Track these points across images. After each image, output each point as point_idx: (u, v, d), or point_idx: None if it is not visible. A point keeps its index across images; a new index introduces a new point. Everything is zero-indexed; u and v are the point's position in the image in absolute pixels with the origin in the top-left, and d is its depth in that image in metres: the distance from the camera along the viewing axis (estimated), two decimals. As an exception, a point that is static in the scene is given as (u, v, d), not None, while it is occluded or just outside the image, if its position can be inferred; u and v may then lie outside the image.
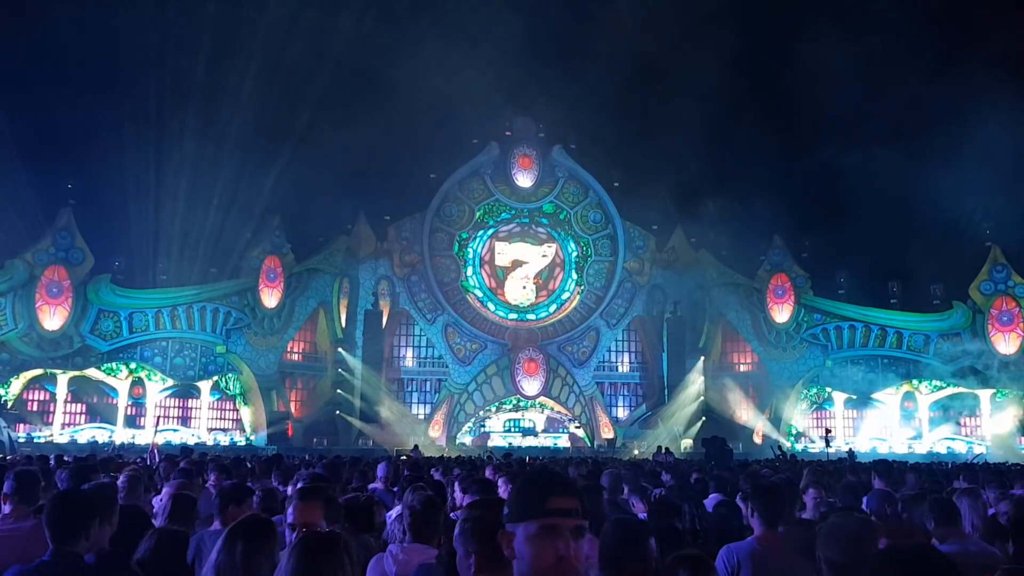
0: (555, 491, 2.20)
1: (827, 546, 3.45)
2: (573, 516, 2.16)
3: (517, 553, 2.18)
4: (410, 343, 44.07)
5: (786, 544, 4.56)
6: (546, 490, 2.21)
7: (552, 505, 2.17)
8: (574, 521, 2.16)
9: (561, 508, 2.16)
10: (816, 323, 41.31)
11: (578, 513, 2.18)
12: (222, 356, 37.02)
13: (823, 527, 3.60)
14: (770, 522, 4.52)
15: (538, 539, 2.14)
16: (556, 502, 2.17)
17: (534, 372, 42.78)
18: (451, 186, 44.37)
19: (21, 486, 4.86)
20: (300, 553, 2.64)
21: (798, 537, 4.66)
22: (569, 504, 2.17)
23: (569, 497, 2.19)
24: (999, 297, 38.69)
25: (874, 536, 3.60)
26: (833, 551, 3.43)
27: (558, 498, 2.18)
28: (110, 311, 34.46)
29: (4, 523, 4.76)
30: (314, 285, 40.55)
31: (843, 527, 3.54)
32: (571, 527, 2.15)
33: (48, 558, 3.69)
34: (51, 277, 32.83)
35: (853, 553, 3.44)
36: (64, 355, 33.09)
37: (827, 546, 3.45)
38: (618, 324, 44.82)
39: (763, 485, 4.82)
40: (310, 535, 2.73)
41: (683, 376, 42.15)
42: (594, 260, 45.10)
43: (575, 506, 2.18)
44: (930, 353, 39.41)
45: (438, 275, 43.35)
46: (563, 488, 2.23)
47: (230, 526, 2.84)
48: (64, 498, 3.94)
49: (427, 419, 42.15)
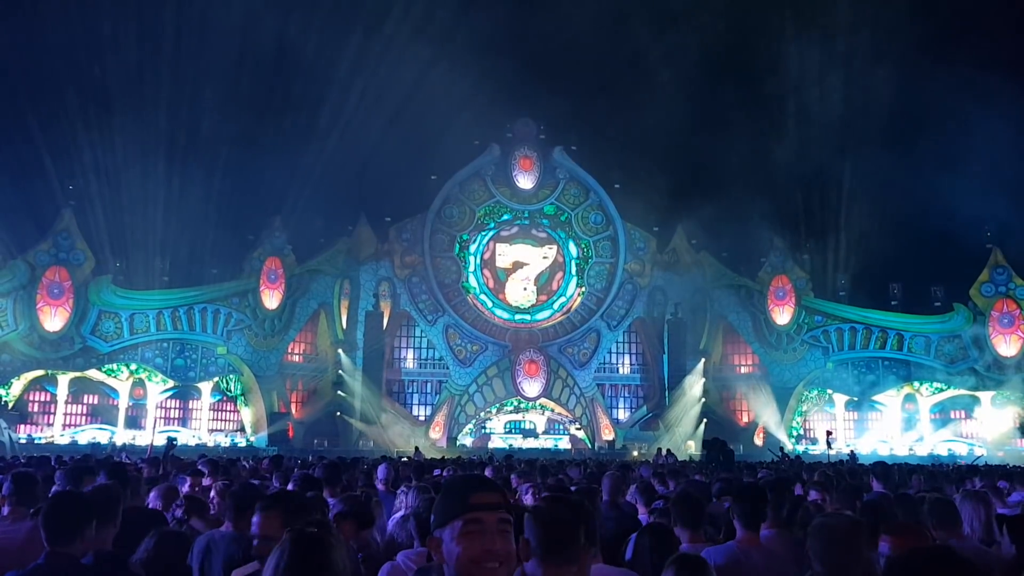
0: (477, 488, 2.24)
1: (818, 546, 3.46)
2: (497, 510, 2.19)
3: (445, 556, 2.19)
4: (411, 344, 44.04)
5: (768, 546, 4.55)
6: (468, 488, 2.24)
7: (475, 500, 2.19)
8: (497, 514, 2.18)
9: (484, 502, 2.19)
10: (817, 325, 41.28)
11: (501, 507, 2.20)
12: (223, 357, 37.02)
13: (813, 527, 3.60)
14: (750, 524, 4.50)
15: (464, 535, 2.15)
16: (479, 497, 2.20)
17: (535, 374, 42.74)
18: (452, 187, 44.39)
19: (19, 488, 4.86)
20: (289, 551, 2.62)
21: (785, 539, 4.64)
22: (491, 499, 2.20)
23: (491, 492, 2.22)
24: (1000, 299, 38.69)
25: (864, 536, 3.60)
26: (824, 551, 3.44)
27: (480, 494, 2.21)
28: (111, 312, 34.46)
29: (1, 525, 4.76)
30: (315, 286, 40.54)
31: (834, 527, 3.54)
32: (495, 520, 2.17)
33: (43, 560, 3.68)
34: (52, 278, 32.85)
35: (844, 553, 3.45)
36: (65, 356, 33.09)
37: (818, 546, 3.46)
38: (619, 326, 44.78)
39: (744, 487, 4.80)
40: (299, 533, 2.70)
41: (683, 378, 42.14)
42: (595, 261, 45.08)
43: (498, 500, 2.21)
44: (931, 355, 39.39)
45: (439, 276, 43.35)
46: (484, 485, 2.27)
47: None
48: (59, 500, 3.94)
49: (428, 421, 42.13)
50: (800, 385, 40.86)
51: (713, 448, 27.30)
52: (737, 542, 4.50)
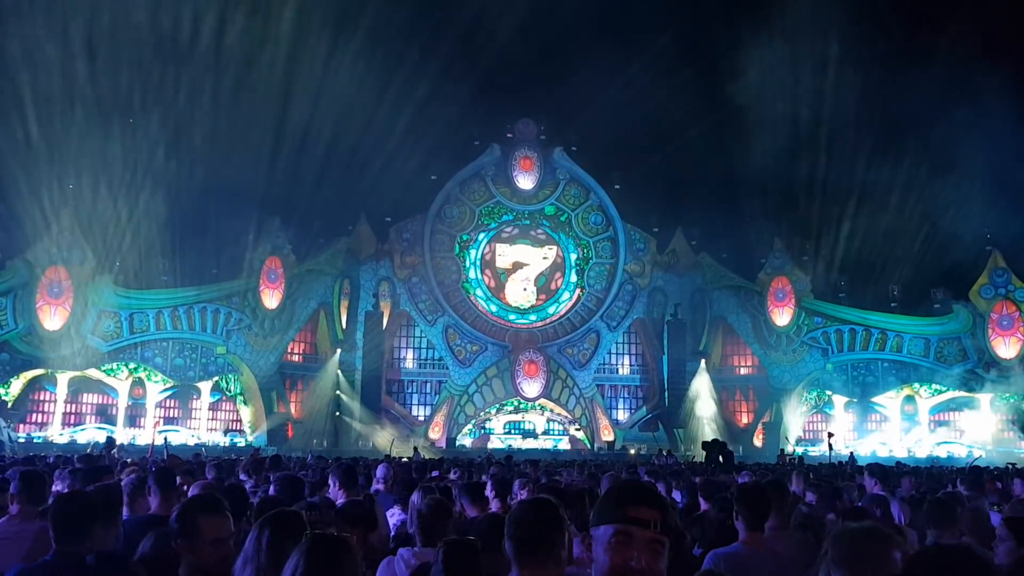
0: (636, 500, 2.20)
1: (838, 553, 3.45)
2: (650, 528, 2.15)
3: (594, 556, 2.20)
4: (410, 344, 44.06)
5: (771, 546, 4.55)
6: (628, 498, 2.22)
7: (632, 513, 2.17)
8: (650, 533, 2.15)
9: (639, 518, 2.16)
10: (816, 326, 41.29)
11: (657, 526, 2.16)
12: (222, 357, 37.00)
13: (835, 533, 3.60)
14: (753, 525, 4.50)
15: (613, 544, 2.15)
16: (636, 511, 2.17)
17: (534, 374, 42.77)
18: (452, 188, 44.40)
19: (27, 486, 4.88)
20: (310, 555, 2.63)
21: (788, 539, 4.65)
22: (648, 515, 2.17)
23: (650, 508, 2.18)
24: (999, 301, 38.71)
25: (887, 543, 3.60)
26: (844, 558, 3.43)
27: (638, 507, 2.18)
28: (111, 311, 34.44)
29: (10, 524, 4.77)
30: (315, 286, 40.53)
31: (855, 533, 3.54)
32: (647, 538, 2.14)
33: (51, 558, 3.72)
34: (52, 277, 32.80)
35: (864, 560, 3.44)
36: (64, 355, 33.05)
37: (838, 553, 3.45)
38: (618, 326, 44.80)
39: (747, 488, 4.80)
40: (320, 536, 2.72)
41: (684, 378, 42.20)
42: (595, 262, 45.11)
43: (655, 518, 2.17)
44: (930, 357, 39.41)
45: (439, 276, 43.36)
46: (645, 498, 2.22)
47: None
48: (69, 499, 3.96)
49: (427, 421, 42.16)
50: (800, 386, 40.88)
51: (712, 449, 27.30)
52: (742, 543, 4.50)
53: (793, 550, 4.66)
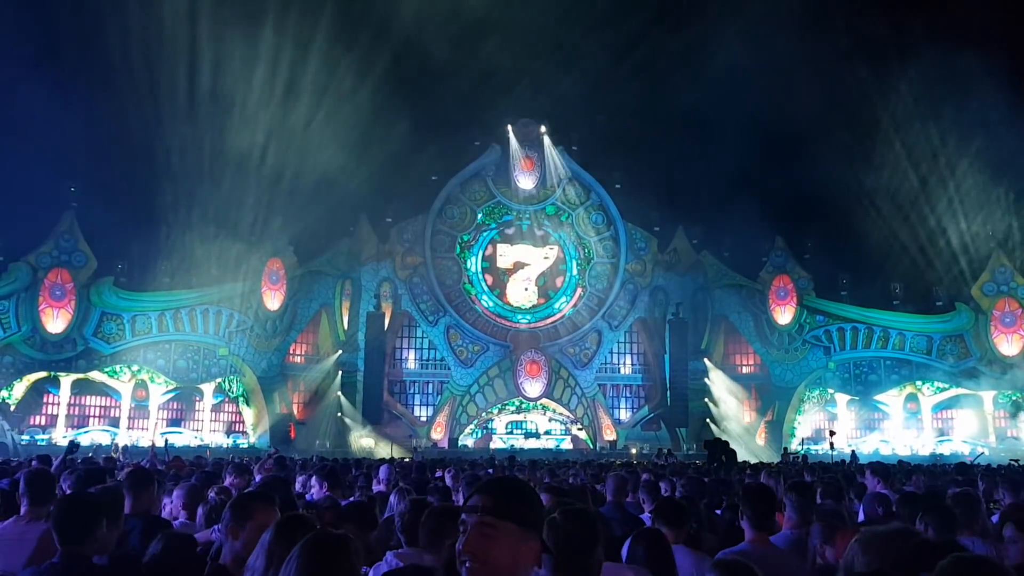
0: (475, 490, 2.33)
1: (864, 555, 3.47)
2: (479, 512, 2.24)
3: None
4: (412, 345, 44.07)
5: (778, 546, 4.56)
6: (471, 491, 2.34)
7: (468, 503, 2.30)
8: (476, 517, 2.23)
9: (469, 506, 2.28)
10: (818, 325, 41.29)
11: (484, 510, 2.24)
12: (224, 358, 37.03)
13: (860, 536, 3.62)
14: (760, 524, 4.52)
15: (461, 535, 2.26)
16: (471, 500, 2.29)
17: (536, 374, 42.78)
18: (453, 188, 44.41)
19: (33, 487, 4.91)
20: (308, 552, 2.64)
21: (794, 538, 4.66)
22: (476, 501, 2.27)
23: (480, 495, 2.28)
24: (1002, 299, 38.66)
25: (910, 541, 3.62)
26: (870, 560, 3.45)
27: (472, 496, 2.30)
28: (113, 314, 34.47)
29: (16, 526, 4.79)
30: (316, 287, 40.58)
31: (880, 536, 3.56)
32: (474, 523, 2.23)
33: (58, 560, 3.75)
34: (54, 280, 32.87)
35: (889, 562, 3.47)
36: (67, 358, 33.11)
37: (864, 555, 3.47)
38: (620, 326, 44.80)
39: (752, 488, 4.81)
40: (319, 535, 2.72)
41: (686, 377, 42.20)
42: (596, 262, 45.10)
43: (483, 503, 2.25)
44: (933, 355, 39.38)
45: (440, 277, 43.38)
46: (481, 487, 2.33)
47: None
48: (72, 501, 3.98)
49: (429, 421, 42.19)
50: (802, 385, 40.86)
51: (715, 448, 27.32)
52: (749, 542, 4.51)
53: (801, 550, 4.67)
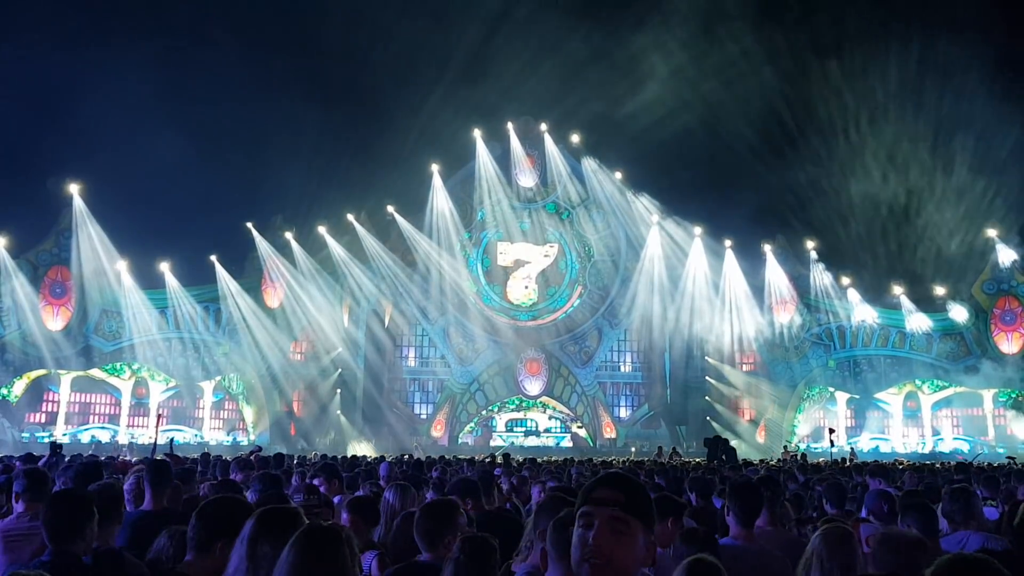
0: (600, 483, 2.25)
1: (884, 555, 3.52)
2: (609, 505, 2.17)
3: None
4: (412, 343, 44.07)
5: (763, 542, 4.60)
6: (594, 483, 2.27)
7: (593, 495, 2.21)
8: (608, 511, 2.16)
9: (600, 498, 2.19)
10: (819, 323, 41.26)
11: (616, 504, 2.17)
12: (225, 356, 37.04)
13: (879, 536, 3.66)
14: (745, 521, 4.57)
15: (577, 527, 2.18)
16: (597, 492, 2.21)
17: (536, 372, 42.79)
18: (453, 186, 44.31)
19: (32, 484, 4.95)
20: (300, 545, 2.63)
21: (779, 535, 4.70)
22: (607, 494, 2.19)
23: (610, 488, 2.21)
24: (1002, 297, 38.63)
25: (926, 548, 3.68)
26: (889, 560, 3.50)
27: (600, 488, 2.22)
28: (113, 311, 34.50)
29: (20, 522, 4.83)
30: (316, 285, 40.47)
31: (899, 538, 3.60)
32: (605, 516, 2.16)
33: (47, 558, 3.76)
34: (54, 277, 32.89)
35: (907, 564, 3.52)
36: (67, 355, 33.12)
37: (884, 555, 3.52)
38: (620, 324, 44.78)
39: (738, 483, 4.87)
40: (311, 527, 2.71)
41: (686, 376, 42.18)
42: (596, 259, 45.07)
43: (614, 496, 2.19)
44: (932, 353, 39.37)
45: (440, 274, 43.25)
46: (609, 480, 2.26)
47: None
48: (61, 498, 3.99)
49: (429, 419, 42.21)
50: (802, 383, 40.85)
51: (715, 446, 27.38)
52: (733, 537, 4.56)
53: (785, 546, 4.71)
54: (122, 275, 34.13)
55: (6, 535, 4.74)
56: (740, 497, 4.62)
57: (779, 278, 41.71)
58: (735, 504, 4.59)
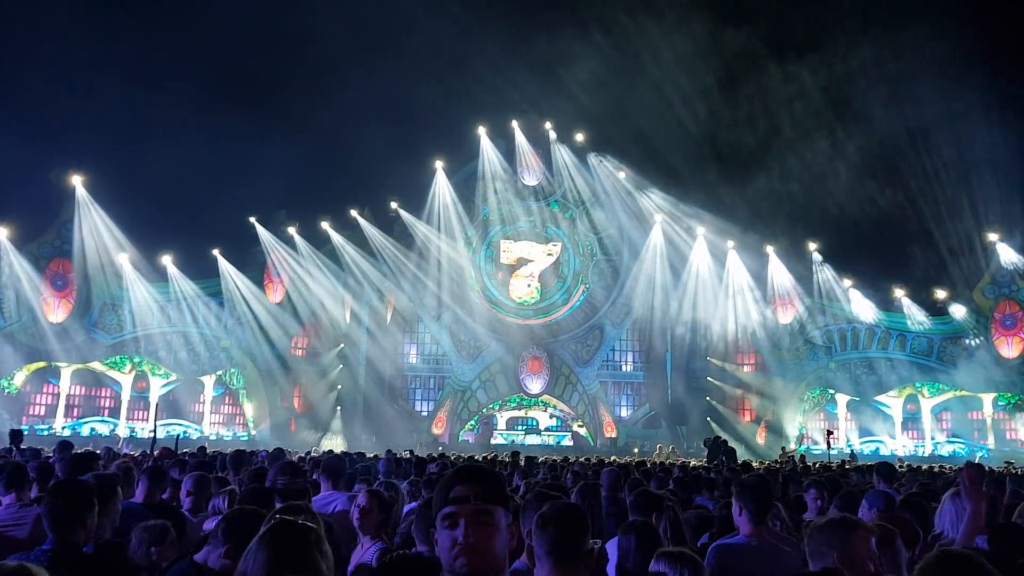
0: (456, 480, 2.22)
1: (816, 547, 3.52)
2: (472, 501, 2.16)
3: (438, 549, 2.20)
4: (414, 340, 44.07)
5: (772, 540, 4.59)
6: (449, 481, 2.24)
7: (452, 493, 2.19)
8: (472, 506, 2.16)
9: (459, 495, 2.18)
10: (820, 325, 41.23)
11: (480, 498, 2.17)
12: (225, 351, 37.07)
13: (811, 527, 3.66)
14: (759, 519, 4.55)
15: (442, 529, 2.17)
16: (456, 490, 2.19)
17: (538, 370, 42.79)
18: (457, 183, 44.26)
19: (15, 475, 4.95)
20: (268, 543, 2.57)
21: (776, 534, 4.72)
22: (467, 490, 2.18)
23: (467, 484, 2.20)
24: (1003, 301, 38.54)
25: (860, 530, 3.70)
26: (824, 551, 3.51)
27: (458, 486, 2.20)
28: (114, 304, 34.53)
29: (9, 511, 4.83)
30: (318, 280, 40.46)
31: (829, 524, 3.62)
32: (468, 512, 2.15)
33: (48, 547, 3.76)
34: (56, 270, 32.93)
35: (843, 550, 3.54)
36: (68, 348, 33.14)
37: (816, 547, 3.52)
38: (622, 323, 44.77)
39: (750, 482, 4.85)
40: (281, 524, 2.65)
41: (687, 376, 42.18)
42: (599, 258, 45.06)
43: (475, 490, 2.18)
44: (933, 356, 39.32)
45: (443, 272, 43.26)
46: (465, 476, 2.24)
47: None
48: (63, 488, 3.98)
49: (430, 417, 42.22)
50: (803, 385, 40.83)
51: (715, 447, 27.37)
52: (746, 536, 4.55)
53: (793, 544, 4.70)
54: (124, 268, 34.17)
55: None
56: (753, 495, 4.61)
57: (781, 280, 41.76)
58: (749, 502, 4.58)
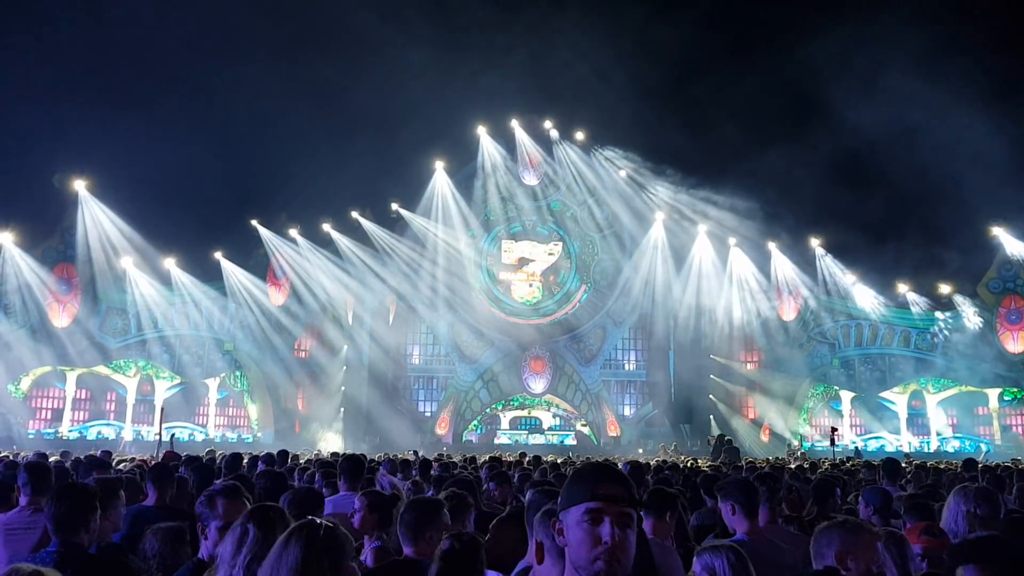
0: (603, 477, 2.23)
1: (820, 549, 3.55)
2: (619, 502, 2.18)
3: (567, 540, 2.22)
4: (417, 340, 44.10)
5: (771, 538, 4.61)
6: (595, 477, 2.25)
7: (600, 490, 2.19)
8: (619, 507, 2.18)
9: (608, 493, 2.19)
10: (823, 321, 41.17)
11: (625, 500, 2.19)
12: (229, 353, 37.16)
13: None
14: (752, 515, 4.58)
15: (583, 524, 2.17)
16: (604, 488, 2.20)
17: (540, 370, 42.79)
18: (457, 183, 44.24)
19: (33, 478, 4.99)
20: (301, 545, 2.60)
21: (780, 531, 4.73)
22: (616, 490, 2.20)
23: (617, 484, 2.22)
24: (1008, 296, 38.48)
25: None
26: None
27: (606, 484, 2.21)
28: (119, 308, 34.63)
29: (21, 515, 4.86)
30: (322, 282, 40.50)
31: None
32: (616, 513, 2.17)
33: (54, 548, 3.81)
34: (60, 275, 33.05)
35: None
36: (73, 352, 33.26)
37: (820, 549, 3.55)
38: (624, 322, 44.76)
39: (738, 481, 4.89)
40: (313, 524, 2.69)
41: (690, 374, 42.15)
42: (600, 257, 45.05)
43: (622, 492, 2.20)
44: (937, 352, 39.26)
45: (445, 272, 43.26)
46: (612, 475, 2.26)
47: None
48: (67, 491, 4.03)
49: (433, 417, 42.26)
50: (806, 381, 40.78)
51: (718, 445, 27.39)
52: (745, 533, 4.57)
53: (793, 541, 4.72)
54: (128, 272, 34.27)
55: (7, 528, 4.78)
56: (744, 493, 4.64)
57: (784, 276, 41.72)
58: (740, 500, 4.60)
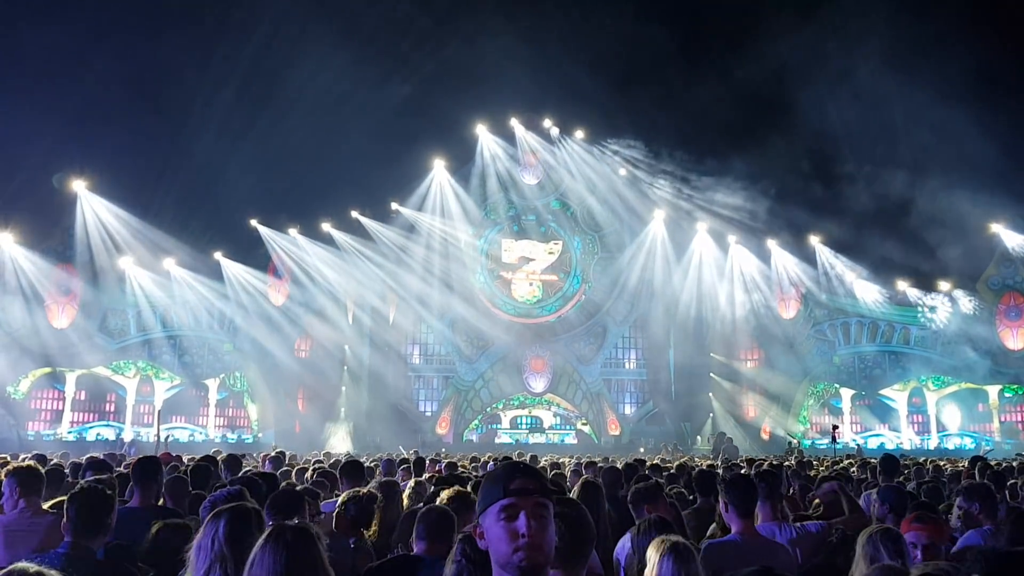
0: (514, 474, 2.27)
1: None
2: (532, 494, 2.21)
3: (488, 541, 2.23)
4: (417, 340, 44.09)
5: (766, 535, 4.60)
6: (506, 475, 2.28)
7: (512, 486, 2.23)
8: (533, 499, 2.21)
9: (520, 487, 2.22)
10: (823, 319, 41.19)
11: (538, 492, 2.23)
12: (229, 354, 37.16)
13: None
14: (745, 513, 4.56)
15: (500, 521, 2.20)
16: (515, 483, 2.23)
17: (541, 369, 42.79)
18: (457, 183, 44.22)
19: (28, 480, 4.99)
20: (279, 546, 2.60)
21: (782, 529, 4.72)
22: (528, 483, 2.23)
23: (528, 477, 2.25)
24: (1007, 292, 38.49)
25: None
26: None
27: (517, 479, 2.24)
28: (118, 309, 34.64)
29: (23, 516, 4.87)
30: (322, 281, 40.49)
31: None
32: (530, 504, 2.20)
33: (63, 550, 3.82)
34: (60, 276, 33.03)
35: None
36: (73, 353, 33.26)
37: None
38: (624, 321, 44.76)
39: (734, 478, 4.87)
40: (283, 527, 2.69)
41: (690, 373, 42.19)
42: (601, 256, 45.05)
43: (535, 485, 2.24)
44: (937, 349, 39.26)
45: (445, 271, 43.27)
46: (522, 470, 2.30)
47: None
48: (87, 494, 4.05)
49: (434, 416, 42.27)
50: (806, 380, 40.79)
51: (718, 443, 27.42)
52: (738, 533, 4.55)
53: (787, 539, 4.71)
54: (128, 272, 34.27)
55: (7, 530, 4.78)
56: (738, 491, 4.61)
57: (785, 274, 41.71)
58: (734, 498, 4.58)
